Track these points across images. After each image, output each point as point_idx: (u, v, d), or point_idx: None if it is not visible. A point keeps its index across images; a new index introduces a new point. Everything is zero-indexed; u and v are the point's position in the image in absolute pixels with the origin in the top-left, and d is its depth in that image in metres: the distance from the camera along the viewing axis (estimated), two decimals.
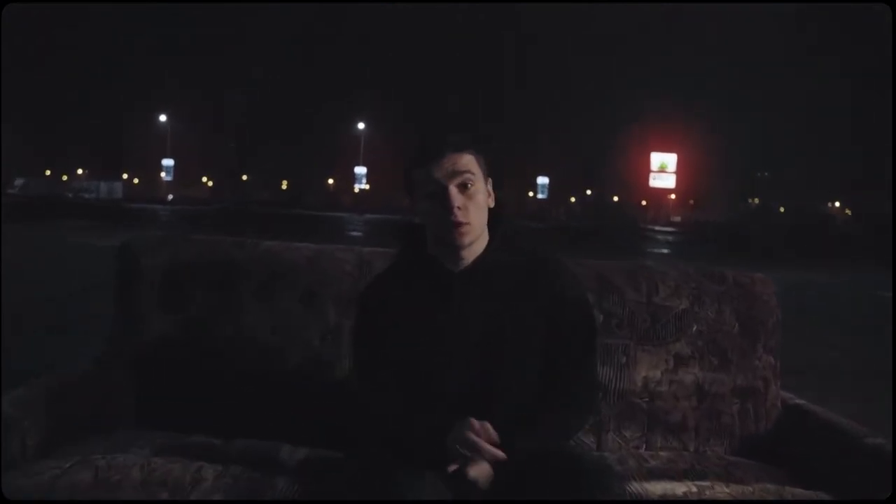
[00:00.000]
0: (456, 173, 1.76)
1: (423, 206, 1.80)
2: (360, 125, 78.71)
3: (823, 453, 2.19)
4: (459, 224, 1.75)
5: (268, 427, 2.22)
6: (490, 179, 1.85)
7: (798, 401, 2.47)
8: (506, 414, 1.73)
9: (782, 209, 74.68)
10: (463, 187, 1.77)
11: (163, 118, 77.63)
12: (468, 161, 1.79)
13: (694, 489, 1.94)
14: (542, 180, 75.64)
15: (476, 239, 1.81)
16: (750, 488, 1.96)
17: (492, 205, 1.84)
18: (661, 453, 2.31)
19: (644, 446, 2.35)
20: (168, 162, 76.38)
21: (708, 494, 1.92)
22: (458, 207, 1.75)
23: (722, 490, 1.94)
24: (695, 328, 2.41)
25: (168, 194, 69.57)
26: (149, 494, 1.79)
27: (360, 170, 78.09)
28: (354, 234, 28.02)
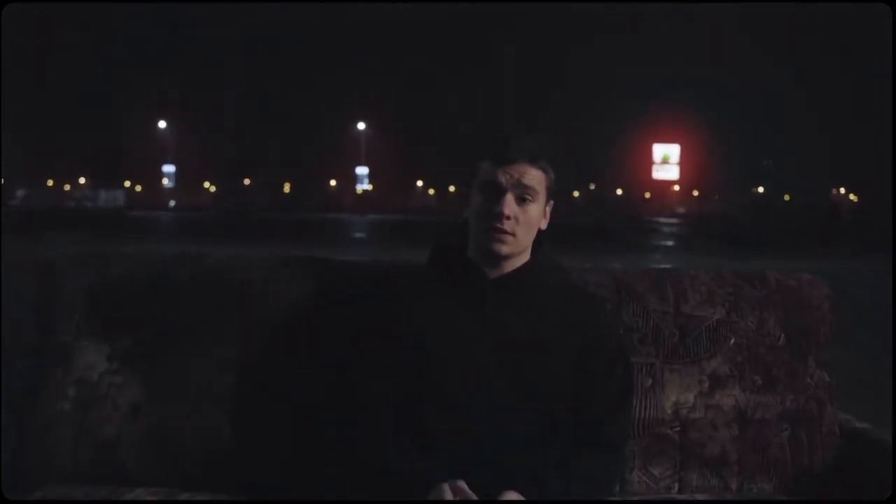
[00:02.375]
0: (520, 185, 1.70)
1: (475, 199, 1.73)
2: (361, 125, 78.55)
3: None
4: (502, 231, 1.66)
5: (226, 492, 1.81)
6: (552, 202, 1.77)
7: (860, 424, 2.06)
8: (527, 452, 1.60)
9: (787, 197, 74.34)
10: (521, 199, 1.70)
11: (163, 125, 77.58)
12: (535, 176, 1.72)
13: None
14: None
15: (515, 254, 1.73)
16: None
17: (544, 227, 1.77)
18: (698, 496, 1.93)
19: (677, 487, 1.96)
20: (169, 168, 76.33)
21: None
22: (508, 217, 1.67)
23: None
24: (732, 341, 2.02)
25: (170, 201, 69.45)
26: None
27: (362, 170, 77.94)
28: (358, 235, 27.70)
